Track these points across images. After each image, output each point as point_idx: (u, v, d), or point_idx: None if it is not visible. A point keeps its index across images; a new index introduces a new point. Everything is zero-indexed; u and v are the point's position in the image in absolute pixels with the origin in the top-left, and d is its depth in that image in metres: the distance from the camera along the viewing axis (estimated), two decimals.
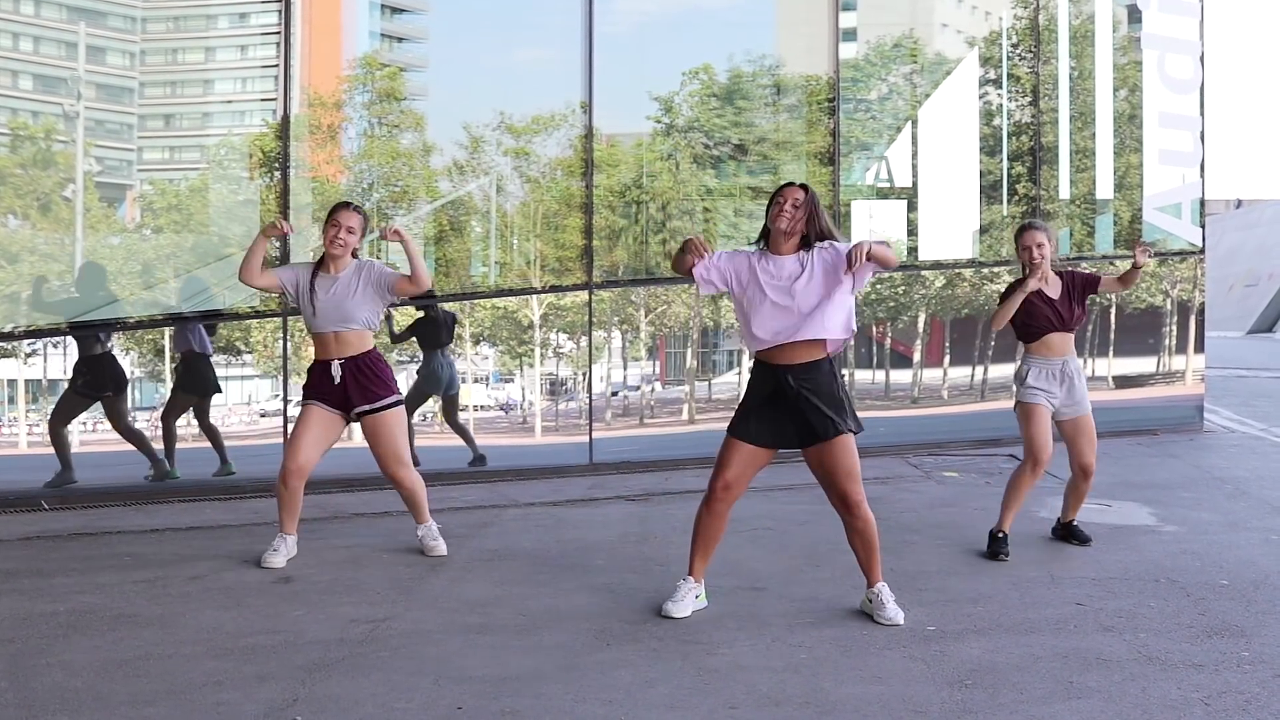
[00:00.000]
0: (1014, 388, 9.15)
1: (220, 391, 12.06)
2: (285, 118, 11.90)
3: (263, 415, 12.38)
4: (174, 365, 11.95)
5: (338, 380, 8.48)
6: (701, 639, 6.85)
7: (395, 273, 8.51)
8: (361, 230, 8.58)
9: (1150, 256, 8.73)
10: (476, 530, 9.28)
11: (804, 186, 7.20)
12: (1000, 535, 8.93)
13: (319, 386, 8.54)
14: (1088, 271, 9.23)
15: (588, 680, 6.14)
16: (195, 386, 11.90)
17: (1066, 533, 9.33)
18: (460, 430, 12.85)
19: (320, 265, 8.54)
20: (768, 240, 7.25)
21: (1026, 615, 7.37)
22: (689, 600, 7.36)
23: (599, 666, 6.37)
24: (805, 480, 9.37)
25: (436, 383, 12.74)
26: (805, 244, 7.15)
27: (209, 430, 11.90)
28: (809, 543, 9.27)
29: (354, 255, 8.59)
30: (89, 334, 11.44)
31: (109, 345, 11.58)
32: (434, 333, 12.70)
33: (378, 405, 8.56)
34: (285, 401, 11.91)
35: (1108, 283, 9.23)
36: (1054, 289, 8.97)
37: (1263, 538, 9.55)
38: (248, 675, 6.17)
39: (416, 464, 12.00)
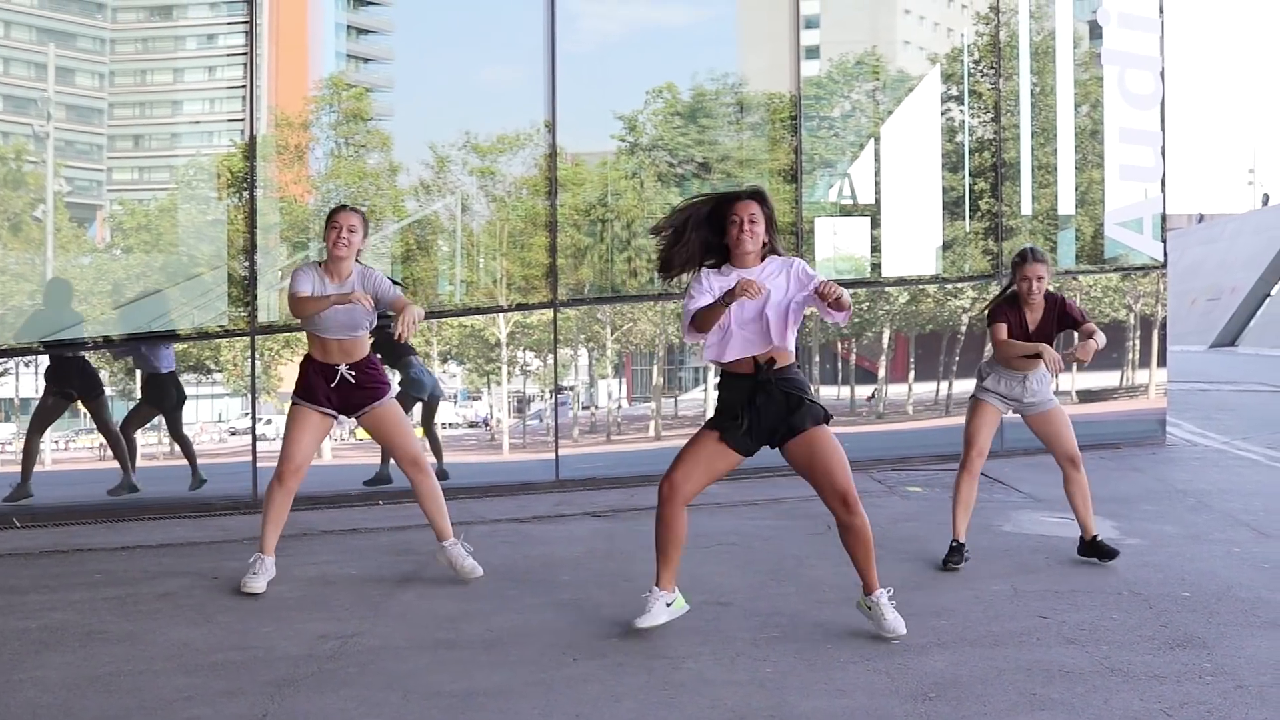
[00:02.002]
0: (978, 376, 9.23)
1: (184, 401, 12.01)
2: (252, 138, 11.93)
3: (232, 433, 12.38)
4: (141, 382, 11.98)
5: (352, 382, 8.43)
6: (667, 653, 6.89)
7: (395, 289, 8.38)
8: (363, 230, 8.41)
9: (1086, 355, 8.78)
10: None
11: (755, 196, 7.17)
12: (955, 544, 9.03)
13: (315, 389, 8.42)
14: (1077, 309, 9.18)
15: (555, 695, 6.18)
16: (158, 400, 11.90)
17: (1093, 550, 9.18)
18: (433, 439, 12.87)
19: (324, 269, 8.38)
20: (727, 256, 7.23)
21: (990, 628, 7.43)
22: (659, 610, 7.29)
23: (566, 682, 6.41)
24: (770, 496, 9.52)
25: (421, 387, 12.78)
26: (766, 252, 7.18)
27: (181, 441, 11.89)
28: (774, 558, 9.33)
29: (357, 259, 8.48)
30: (60, 351, 11.47)
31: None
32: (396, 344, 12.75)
33: (381, 401, 8.52)
34: (255, 420, 11.91)
35: (1083, 330, 9.01)
36: (1036, 318, 9.00)
37: (1224, 550, 9.63)
38: (217, 691, 6.21)
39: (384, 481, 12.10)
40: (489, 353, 13.60)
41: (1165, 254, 16.91)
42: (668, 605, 7.36)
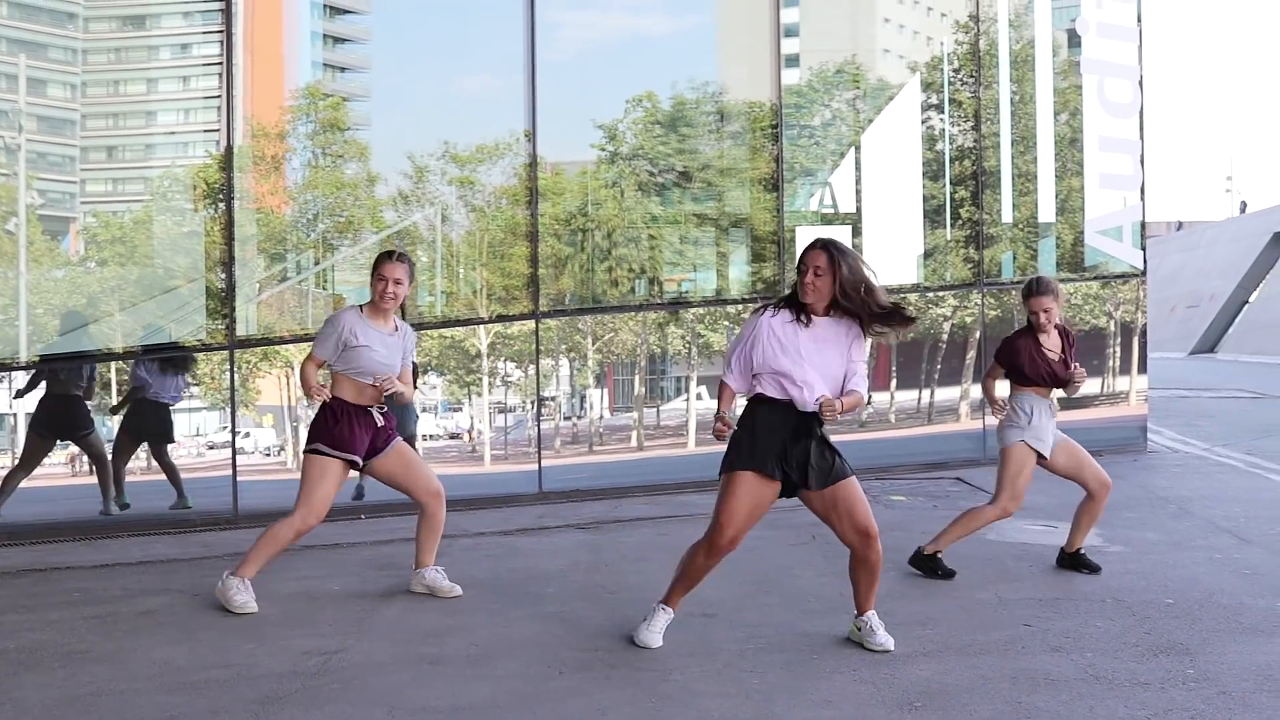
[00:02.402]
0: (1009, 421, 9.01)
1: (171, 439, 11.94)
2: (229, 148, 11.88)
3: (210, 448, 12.31)
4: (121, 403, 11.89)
5: (380, 425, 8.39)
6: (654, 666, 6.88)
7: (412, 357, 8.60)
8: (409, 278, 8.39)
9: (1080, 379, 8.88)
10: None
11: (825, 247, 7.08)
12: (934, 555, 9.05)
13: (348, 436, 8.30)
14: (1073, 349, 9.20)
15: (541, 709, 6.16)
16: (144, 431, 11.85)
17: (1075, 562, 9.19)
18: None
19: (368, 314, 8.35)
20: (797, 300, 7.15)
21: (975, 637, 7.43)
22: (663, 630, 7.31)
23: (552, 695, 6.39)
24: None
25: (403, 426, 12.75)
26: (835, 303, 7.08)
27: (167, 467, 11.81)
28: (759, 569, 9.31)
29: (402, 309, 8.56)
30: (61, 371, 11.43)
31: (81, 388, 11.58)
32: None
33: (396, 439, 8.51)
34: (234, 434, 11.85)
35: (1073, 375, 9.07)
36: (1054, 346, 8.99)
37: (1206, 556, 9.66)
38: (200, 710, 6.17)
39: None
40: (470, 364, 13.57)
41: (1144, 261, 16.95)
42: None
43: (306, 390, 8.35)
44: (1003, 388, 9.17)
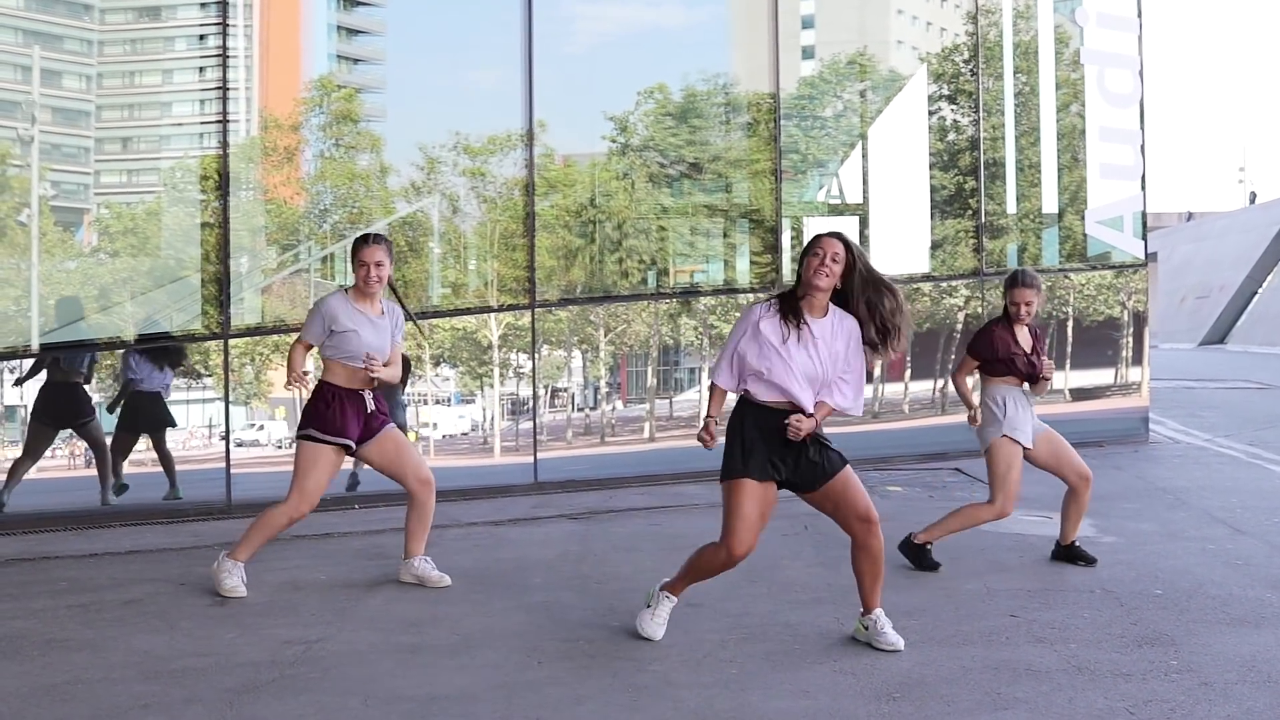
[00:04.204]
0: (987, 416, 8.93)
1: (174, 425, 11.96)
2: (224, 141, 11.88)
3: (239, 445, 12.29)
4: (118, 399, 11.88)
5: (371, 410, 8.40)
6: (633, 655, 6.87)
7: (401, 334, 8.57)
8: (390, 259, 8.40)
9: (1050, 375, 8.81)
10: None
11: (842, 238, 6.97)
12: (924, 545, 9.01)
13: (340, 420, 8.31)
14: (1043, 345, 9.13)
15: (517, 699, 6.15)
16: (141, 424, 11.89)
17: (1070, 554, 9.12)
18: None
19: (354, 298, 8.37)
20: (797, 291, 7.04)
21: (960, 628, 7.40)
22: (665, 620, 7.27)
23: (529, 685, 6.38)
24: None
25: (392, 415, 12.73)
26: (837, 300, 7.00)
27: (163, 457, 11.82)
28: (748, 560, 9.26)
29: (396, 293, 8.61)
30: (62, 359, 11.46)
31: (81, 375, 11.60)
32: None
33: (389, 426, 8.51)
34: (228, 424, 11.85)
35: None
36: (1025, 341, 8.93)
37: (1199, 547, 9.62)
38: (175, 699, 6.17)
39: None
40: (481, 355, 13.56)
41: (1145, 252, 16.90)
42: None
43: (290, 371, 8.32)
44: (975, 383, 9.10)
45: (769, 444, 6.90)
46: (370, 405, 8.40)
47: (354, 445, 8.39)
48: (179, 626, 7.56)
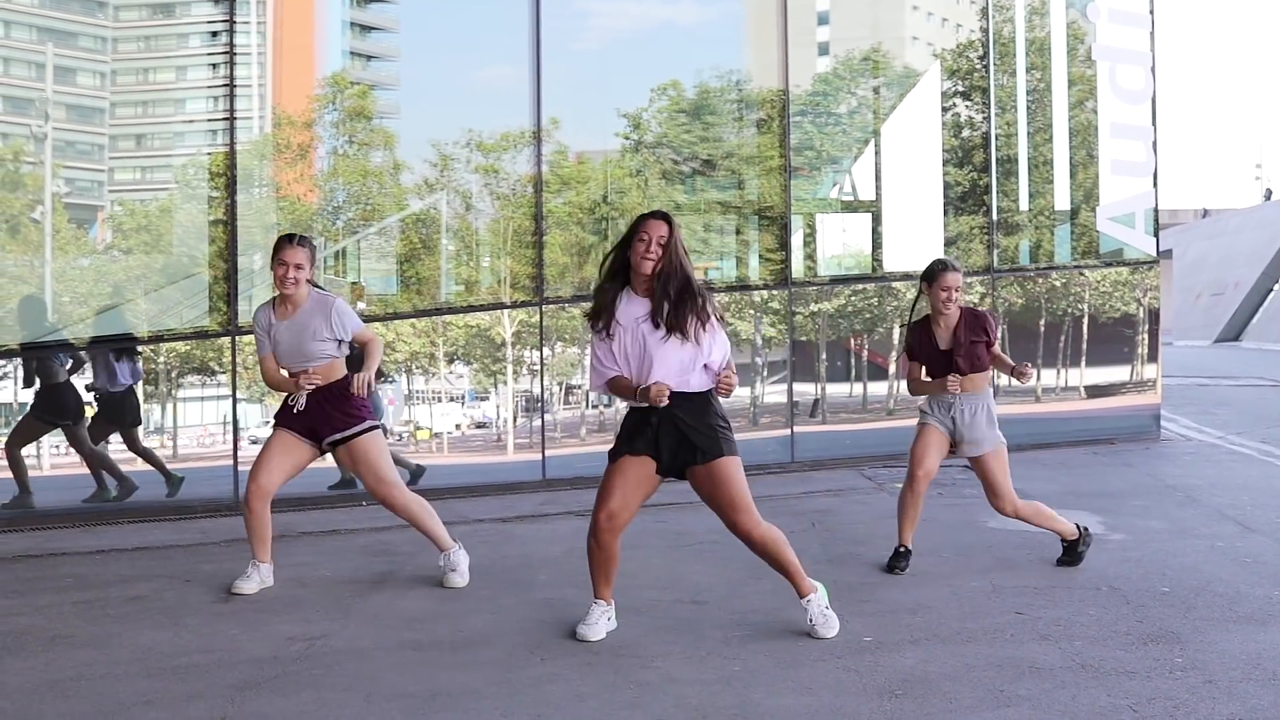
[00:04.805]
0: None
1: (140, 423, 11.96)
2: (232, 138, 11.90)
3: (253, 443, 12.31)
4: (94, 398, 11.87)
5: (299, 410, 8.33)
6: (637, 652, 6.87)
7: (357, 324, 8.38)
8: (310, 261, 8.30)
9: (1026, 378, 8.68)
10: (423, 547, 9.20)
11: (666, 218, 6.96)
12: (901, 550, 8.90)
13: (287, 414, 8.39)
14: (991, 325, 8.90)
15: (519, 695, 6.15)
16: (114, 418, 11.89)
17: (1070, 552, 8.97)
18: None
19: (277, 302, 8.35)
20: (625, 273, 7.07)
21: (964, 625, 7.39)
22: (602, 623, 7.28)
23: (531, 681, 6.38)
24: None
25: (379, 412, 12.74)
26: (659, 281, 6.94)
27: (143, 453, 11.81)
28: (752, 556, 9.17)
29: (314, 285, 8.43)
30: (47, 356, 11.46)
31: (67, 372, 11.59)
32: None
33: (348, 434, 8.36)
34: (236, 422, 11.86)
35: (994, 354, 8.92)
36: (946, 334, 8.81)
37: (1208, 544, 9.58)
38: (178, 694, 6.18)
39: (416, 479, 11.99)
40: (495, 352, 13.56)
41: (1157, 249, 16.86)
42: (608, 620, 7.36)
43: (281, 386, 8.35)
44: (932, 385, 8.98)
45: (642, 428, 7.16)
46: (301, 404, 8.31)
47: (306, 438, 8.40)
48: (183, 623, 7.58)
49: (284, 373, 8.34)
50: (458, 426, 13.69)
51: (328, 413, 8.34)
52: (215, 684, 6.35)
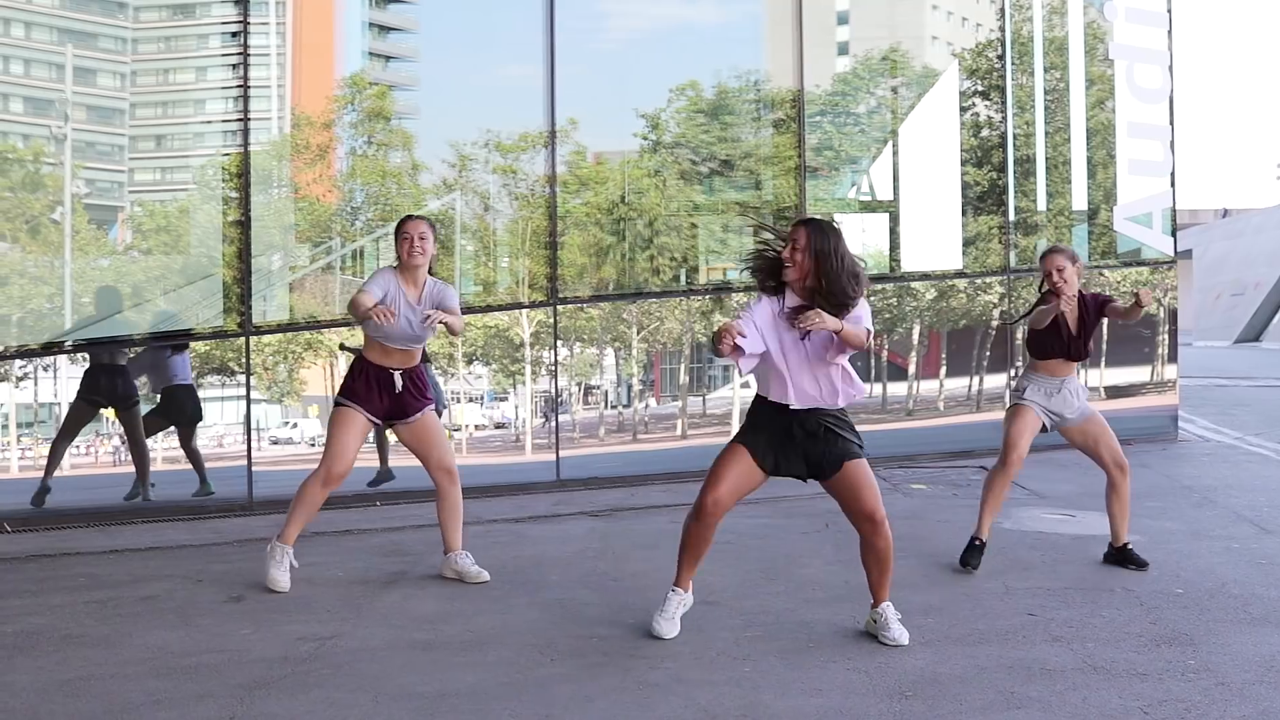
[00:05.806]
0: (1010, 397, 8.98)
1: (200, 419, 11.98)
2: (245, 136, 11.90)
3: (273, 443, 12.33)
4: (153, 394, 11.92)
5: (399, 390, 8.40)
6: (646, 653, 6.85)
7: (453, 315, 8.26)
8: (433, 236, 8.36)
9: (1149, 302, 8.60)
10: (435, 547, 9.20)
11: (808, 224, 6.91)
12: (976, 543, 8.87)
13: (368, 393, 8.37)
14: (1101, 296, 9.00)
15: (527, 696, 6.14)
16: (175, 413, 11.90)
17: (1121, 557, 8.93)
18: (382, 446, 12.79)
19: (400, 276, 8.35)
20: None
21: (976, 626, 7.36)
22: (678, 617, 7.22)
23: (540, 682, 6.37)
24: (765, 495, 9.38)
25: (440, 397, 12.75)
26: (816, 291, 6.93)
27: (191, 453, 11.84)
28: (766, 557, 9.26)
29: (430, 272, 8.47)
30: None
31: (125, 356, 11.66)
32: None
33: (427, 409, 8.52)
34: (249, 422, 11.86)
35: (1115, 310, 8.88)
36: (1074, 319, 8.87)
37: (1224, 546, 9.53)
38: (188, 694, 6.18)
39: (383, 482, 12.04)
40: (514, 353, 13.56)
41: (1175, 248, 16.81)
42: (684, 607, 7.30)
43: (367, 313, 7.97)
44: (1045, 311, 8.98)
45: (776, 432, 7.05)
46: (399, 385, 8.39)
47: (379, 421, 8.46)
48: (194, 622, 7.58)
49: (388, 344, 8.35)
50: (476, 426, 13.68)
51: (413, 395, 8.47)
52: (225, 684, 6.35)
